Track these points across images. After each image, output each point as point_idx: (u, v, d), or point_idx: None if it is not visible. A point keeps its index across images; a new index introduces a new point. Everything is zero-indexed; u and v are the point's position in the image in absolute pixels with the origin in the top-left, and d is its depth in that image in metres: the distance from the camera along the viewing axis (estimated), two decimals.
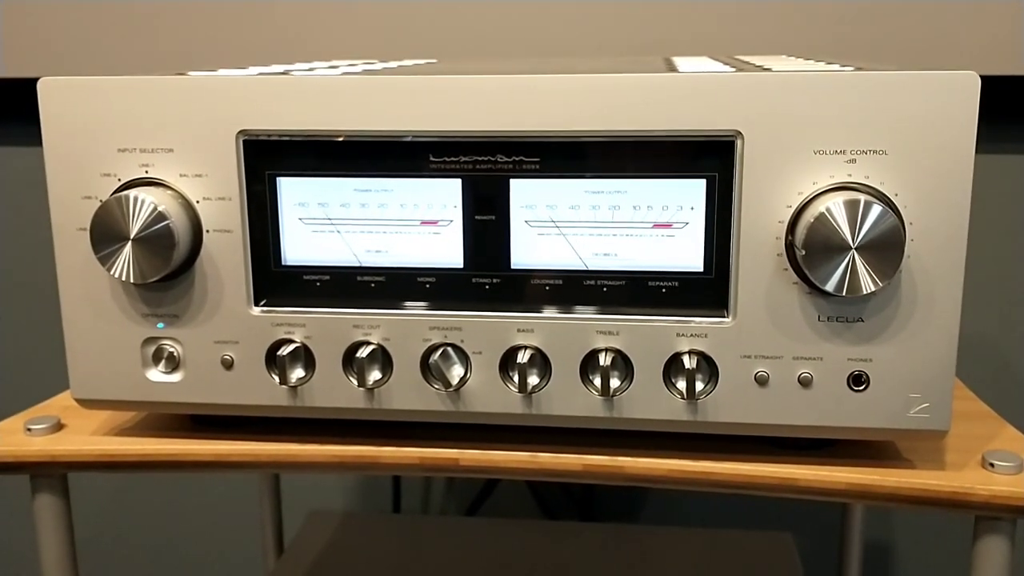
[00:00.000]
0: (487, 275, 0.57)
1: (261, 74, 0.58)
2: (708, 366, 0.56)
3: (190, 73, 0.60)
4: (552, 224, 0.57)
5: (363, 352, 0.57)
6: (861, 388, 0.55)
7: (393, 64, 0.83)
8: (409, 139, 0.56)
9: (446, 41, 1.06)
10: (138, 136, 0.57)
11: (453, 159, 0.56)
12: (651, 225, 0.56)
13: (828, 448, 0.59)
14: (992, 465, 0.56)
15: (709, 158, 0.54)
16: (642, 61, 0.79)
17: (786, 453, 0.58)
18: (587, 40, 1.04)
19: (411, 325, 0.57)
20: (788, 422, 0.56)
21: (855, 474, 0.57)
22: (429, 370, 0.57)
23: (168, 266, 0.56)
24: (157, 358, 0.60)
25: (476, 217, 0.57)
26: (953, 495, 0.55)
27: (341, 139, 0.56)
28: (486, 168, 0.56)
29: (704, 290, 0.56)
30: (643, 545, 1.03)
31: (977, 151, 0.51)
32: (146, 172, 0.57)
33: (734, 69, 0.59)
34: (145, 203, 0.55)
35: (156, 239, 0.56)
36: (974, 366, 0.89)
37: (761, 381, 0.55)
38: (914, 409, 0.55)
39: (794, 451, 0.58)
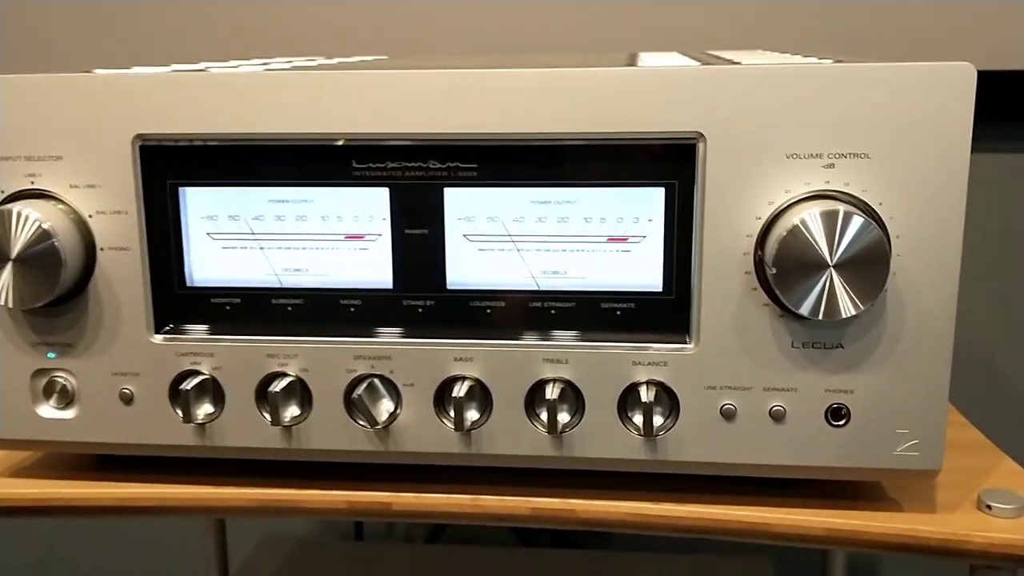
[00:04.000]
0: (420, 296, 0.51)
1: (160, 72, 0.51)
2: (668, 398, 0.49)
3: (95, 71, 0.53)
4: (493, 238, 0.50)
5: (278, 385, 0.50)
6: (841, 423, 0.49)
7: (335, 61, 0.77)
8: (330, 143, 0.49)
9: (399, 38, 0.99)
10: (22, 142, 0.50)
11: (379, 165, 0.49)
12: (605, 239, 0.49)
13: (804, 487, 0.52)
14: (989, 507, 0.50)
15: (668, 163, 0.48)
16: (602, 57, 0.73)
17: (757, 493, 0.52)
18: (552, 36, 0.98)
19: (333, 354, 0.51)
20: (758, 461, 0.49)
21: (835, 518, 0.51)
22: (354, 405, 0.51)
23: (54, 290, 0.49)
24: (49, 392, 0.53)
25: (407, 231, 0.50)
26: (946, 543, 0.49)
27: (253, 143, 0.50)
28: (417, 175, 0.49)
29: (664, 313, 0.49)
30: (617, 572, 0.97)
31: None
32: (32, 183, 0.51)
33: (700, 64, 0.53)
34: (29, 219, 0.49)
35: (40, 259, 0.49)
36: (966, 385, 0.83)
37: (728, 415, 0.49)
38: (901, 446, 0.49)
39: (766, 491, 0.52)
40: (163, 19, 1.01)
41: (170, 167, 0.50)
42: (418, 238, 0.50)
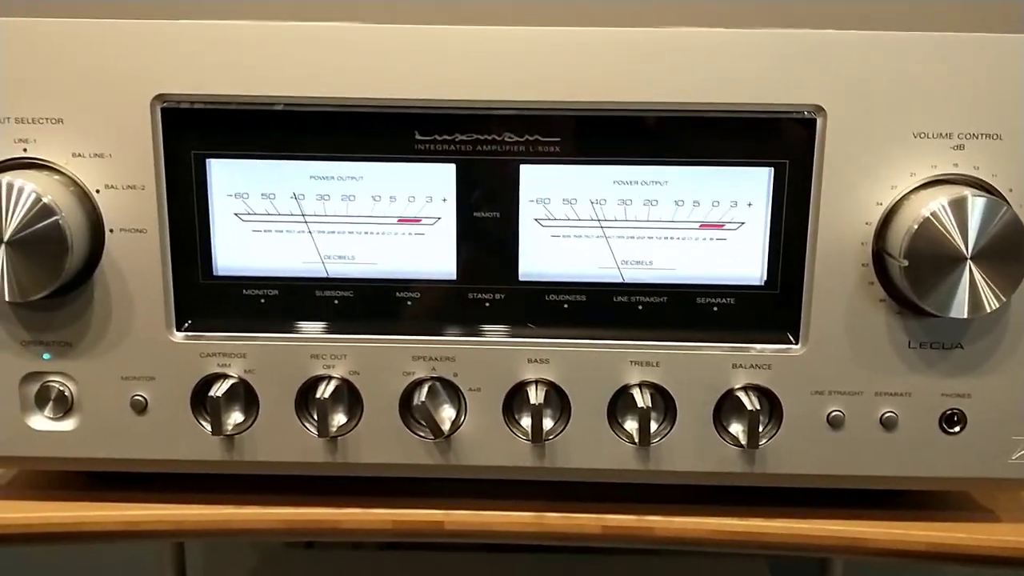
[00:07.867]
0: (487, 289, 0.45)
1: (188, 20, 0.43)
2: (770, 405, 0.44)
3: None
4: (571, 224, 0.44)
5: (324, 390, 0.44)
6: (955, 430, 0.44)
7: None
8: (387, 110, 0.42)
9: None
10: (15, 100, 0.42)
11: (446, 137, 0.43)
12: (697, 226, 0.44)
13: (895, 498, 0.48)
14: None
15: (779, 141, 0.42)
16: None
17: (846, 506, 0.47)
18: None
19: (388, 354, 0.44)
20: (864, 472, 0.45)
21: (934, 532, 0.46)
22: (412, 413, 0.44)
23: (57, 278, 0.41)
24: (43, 400, 0.45)
25: (475, 214, 0.44)
26: None
27: (295, 109, 0.43)
28: (490, 150, 0.43)
29: (767, 309, 0.44)
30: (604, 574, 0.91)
31: None
32: (24, 150, 0.43)
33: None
34: (24, 192, 0.41)
35: (41, 241, 0.41)
36: None
37: (835, 423, 0.44)
38: (1016, 454, 0.44)
39: (854, 504, 0.47)
40: None
41: (196, 135, 0.43)
42: (488, 222, 0.44)
